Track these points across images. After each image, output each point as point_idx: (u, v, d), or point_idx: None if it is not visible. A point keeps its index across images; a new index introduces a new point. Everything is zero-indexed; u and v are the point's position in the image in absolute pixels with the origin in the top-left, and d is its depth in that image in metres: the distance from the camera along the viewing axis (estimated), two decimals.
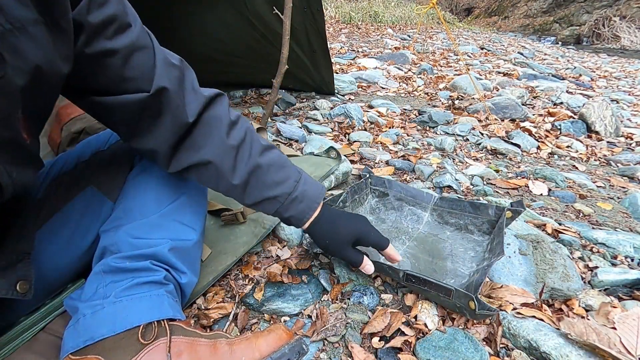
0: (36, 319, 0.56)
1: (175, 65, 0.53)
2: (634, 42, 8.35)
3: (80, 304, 0.51)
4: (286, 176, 0.61)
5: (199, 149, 0.55)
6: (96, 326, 0.48)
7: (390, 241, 0.69)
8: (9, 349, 0.52)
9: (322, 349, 0.62)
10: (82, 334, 0.48)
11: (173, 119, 0.52)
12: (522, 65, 4.01)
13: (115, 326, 0.48)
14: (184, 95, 0.53)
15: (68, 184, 0.59)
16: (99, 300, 0.50)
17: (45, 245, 0.55)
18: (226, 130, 0.56)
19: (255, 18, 1.70)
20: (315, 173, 1.06)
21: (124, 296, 0.50)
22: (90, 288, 0.52)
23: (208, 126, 0.56)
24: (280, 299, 0.71)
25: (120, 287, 0.51)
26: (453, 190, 1.20)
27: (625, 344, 0.57)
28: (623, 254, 0.87)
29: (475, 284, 0.63)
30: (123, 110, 0.49)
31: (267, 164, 0.59)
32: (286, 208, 0.61)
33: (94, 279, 0.53)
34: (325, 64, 1.99)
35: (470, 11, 13.75)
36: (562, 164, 1.57)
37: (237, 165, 0.57)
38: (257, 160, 0.58)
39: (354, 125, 1.77)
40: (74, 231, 0.58)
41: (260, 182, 0.59)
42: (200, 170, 0.57)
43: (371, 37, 5.57)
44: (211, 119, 0.56)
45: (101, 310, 0.49)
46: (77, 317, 0.50)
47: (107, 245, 0.55)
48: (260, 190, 0.59)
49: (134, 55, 0.46)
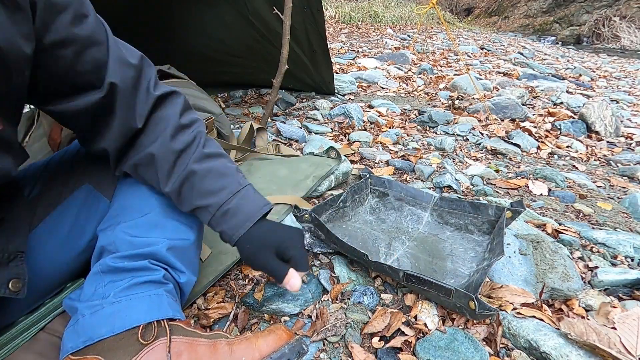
0: (36, 318, 0.56)
1: (132, 65, 0.51)
2: (634, 42, 8.35)
3: (80, 304, 0.50)
4: (222, 186, 0.56)
5: (144, 149, 0.54)
6: (95, 326, 0.48)
7: (391, 241, 0.68)
8: (9, 348, 0.52)
9: (322, 349, 0.62)
10: (82, 334, 0.47)
11: (123, 121, 0.52)
12: (522, 65, 4.02)
13: (115, 326, 0.47)
14: (137, 96, 0.52)
15: (64, 182, 0.59)
16: (98, 300, 0.50)
17: (41, 244, 0.55)
18: (171, 133, 0.54)
19: (255, 18, 1.70)
20: (315, 173, 1.06)
21: (123, 296, 0.50)
22: (89, 288, 0.51)
23: (154, 125, 0.54)
24: (280, 299, 0.71)
25: (120, 287, 0.50)
26: (453, 190, 1.20)
27: (625, 344, 0.57)
28: (623, 254, 0.87)
29: (475, 284, 0.63)
30: (78, 112, 0.49)
31: (204, 170, 0.56)
32: (217, 221, 0.56)
33: (92, 279, 0.52)
34: (325, 64, 1.99)
35: (470, 11, 13.75)
36: (562, 164, 1.57)
37: (174, 171, 0.55)
38: (193, 167, 0.55)
39: (354, 125, 1.77)
40: (71, 230, 0.57)
41: (195, 190, 0.55)
42: (142, 170, 0.56)
43: (371, 37, 5.57)
44: (158, 119, 0.55)
45: (100, 311, 0.49)
46: (77, 317, 0.49)
47: (105, 245, 0.54)
48: (194, 197, 0.56)
49: (87, 50, 0.46)
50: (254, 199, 0.59)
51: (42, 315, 0.57)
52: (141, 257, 0.53)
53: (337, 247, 0.80)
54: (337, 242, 0.77)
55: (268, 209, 0.59)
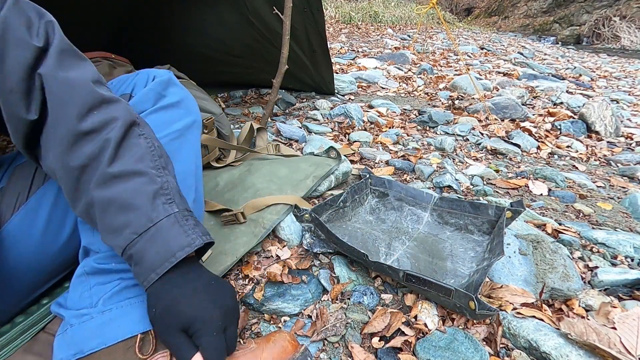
0: (35, 319, 0.56)
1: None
2: (634, 42, 8.35)
3: (66, 312, 0.47)
4: (124, 224, 0.42)
5: (45, 159, 0.44)
6: (86, 339, 0.44)
7: (391, 241, 0.68)
8: (9, 350, 0.52)
9: (322, 349, 0.62)
10: (72, 346, 0.44)
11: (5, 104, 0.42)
12: (522, 65, 4.01)
13: (107, 338, 0.44)
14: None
15: (33, 169, 0.54)
16: (85, 309, 0.46)
17: (17, 238, 0.51)
18: (68, 144, 0.42)
19: (255, 18, 1.70)
20: (315, 173, 1.06)
21: (113, 303, 0.46)
22: (75, 293, 0.48)
23: (46, 134, 0.43)
24: (280, 299, 0.71)
25: (108, 293, 0.46)
26: (453, 190, 1.20)
27: (625, 344, 0.57)
28: (623, 254, 0.87)
29: (475, 284, 0.63)
30: None
31: (105, 201, 0.42)
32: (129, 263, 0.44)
33: (77, 282, 0.48)
34: (325, 64, 1.99)
35: (470, 11, 13.75)
36: (562, 164, 1.57)
37: (77, 194, 0.44)
38: (92, 195, 0.42)
39: (354, 125, 1.77)
40: (49, 220, 0.53)
41: (100, 224, 0.44)
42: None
43: (371, 37, 5.57)
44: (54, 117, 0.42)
45: (89, 322, 0.45)
46: (65, 326, 0.46)
47: (87, 245, 0.50)
48: (102, 234, 0.45)
49: None
50: (165, 241, 0.42)
51: (42, 315, 0.57)
52: None
53: (337, 247, 0.80)
54: (337, 242, 0.77)
55: (184, 254, 0.42)
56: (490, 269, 0.75)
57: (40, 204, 0.53)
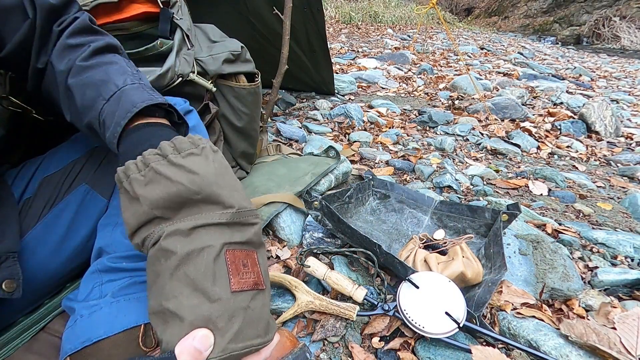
0: (36, 318, 0.56)
1: None
2: (634, 42, 8.35)
3: (77, 304, 0.50)
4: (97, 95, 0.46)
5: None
6: (94, 327, 0.46)
7: (391, 243, 0.67)
8: (9, 349, 0.52)
9: (322, 349, 0.62)
10: (80, 335, 0.46)
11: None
12: (522, 65, 4.01)
13: (114, 326, 0.46)
14: None
15: (60, 181, 0.58)
16: (95, 300, 0.49)
17: (38, 244, 0.54)
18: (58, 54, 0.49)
19: (255, 18, 1.70)
20: (314, 171, 1.07)
21: (121, 295, 0.49)
22: (86, 287, 0.50)
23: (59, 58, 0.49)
24: (280, 299, 0.71)
25: (118, 286, 0.50)
26: (453, 191, 1.20)
27: (625, 344, 0.57)
28: (623, 254, 0.87)
29: (478, 300, 0.62)
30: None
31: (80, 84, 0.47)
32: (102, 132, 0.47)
33: (89, 278, 0.51)
34: (325, 64, 1.99)
35: (470, 11, 13.74)
36: (562, 164, 1.57)
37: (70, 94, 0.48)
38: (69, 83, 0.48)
39: (354, 126, 1.77)
40: (68, 230, 0.56)
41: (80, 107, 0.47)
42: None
43: (371, 37, 5.57)
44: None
45: (99, 311, 0.47)
46: (75, 317, 0.49)
47: (103, 246, 0.53)
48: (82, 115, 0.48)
49: None
50: (129, 99, 0.44)
51: (42, 315, 0.57)
52: (140, 258, 0.52)
53: (345, 237, 0.79)
54: (347, 231, 0.76)
55: (145, 104, 0.44)
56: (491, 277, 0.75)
57: (63, 213, 0.56)
